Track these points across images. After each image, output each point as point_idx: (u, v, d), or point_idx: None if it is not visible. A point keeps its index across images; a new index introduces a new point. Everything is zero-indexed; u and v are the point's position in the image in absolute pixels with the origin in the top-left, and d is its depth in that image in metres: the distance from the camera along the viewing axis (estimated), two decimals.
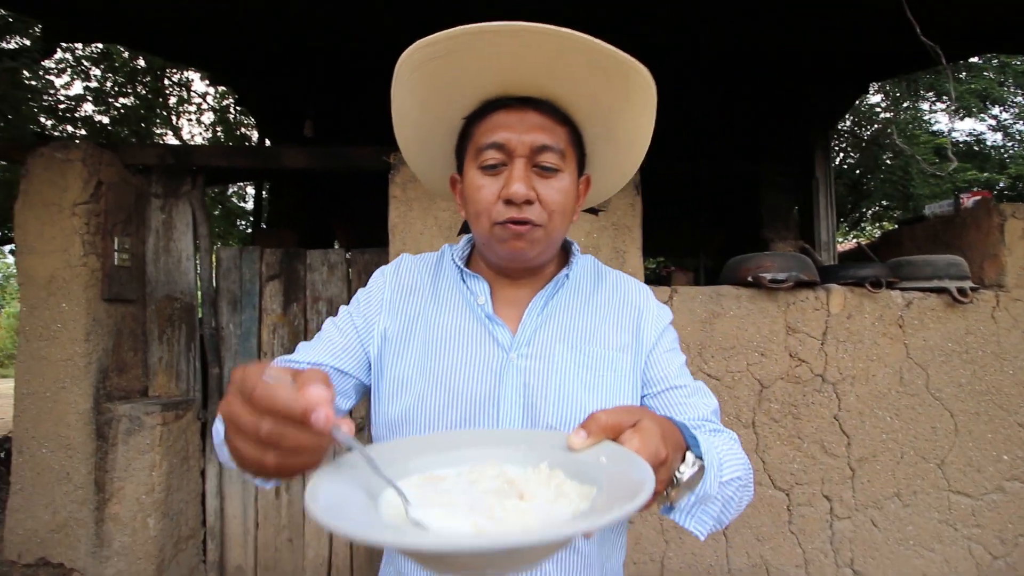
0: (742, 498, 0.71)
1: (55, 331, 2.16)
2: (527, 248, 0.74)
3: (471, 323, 0.79)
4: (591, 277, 0.86)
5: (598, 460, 0.50)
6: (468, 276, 0.82)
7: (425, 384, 0.76)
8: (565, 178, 0.74)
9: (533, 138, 0.72)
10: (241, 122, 8.15)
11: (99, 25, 2.58)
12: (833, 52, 2.89)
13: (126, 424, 2.16)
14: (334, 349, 0.80)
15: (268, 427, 0.43)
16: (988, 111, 8.14)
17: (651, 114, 0.76)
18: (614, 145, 0.81)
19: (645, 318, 0.82)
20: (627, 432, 0.53)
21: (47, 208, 2.17)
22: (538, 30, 0.65)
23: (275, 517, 2.46)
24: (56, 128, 5.56)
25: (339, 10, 2.50)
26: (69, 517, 2.15)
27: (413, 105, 0.77)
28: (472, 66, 0.70)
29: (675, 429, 0.59)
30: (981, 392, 2.10)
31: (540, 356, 0.77)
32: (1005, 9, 2.43)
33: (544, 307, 0.80)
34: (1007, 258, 2.14)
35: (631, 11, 2.38)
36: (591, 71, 0.69)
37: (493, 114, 0.74)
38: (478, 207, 0.74)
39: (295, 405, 0.42)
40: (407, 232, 2.17)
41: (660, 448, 0.52)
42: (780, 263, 2.04)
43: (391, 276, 0.86)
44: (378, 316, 0.82)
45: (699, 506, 0.65)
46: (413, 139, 0.83)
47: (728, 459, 0.68)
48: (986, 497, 2.09)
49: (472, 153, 0.75)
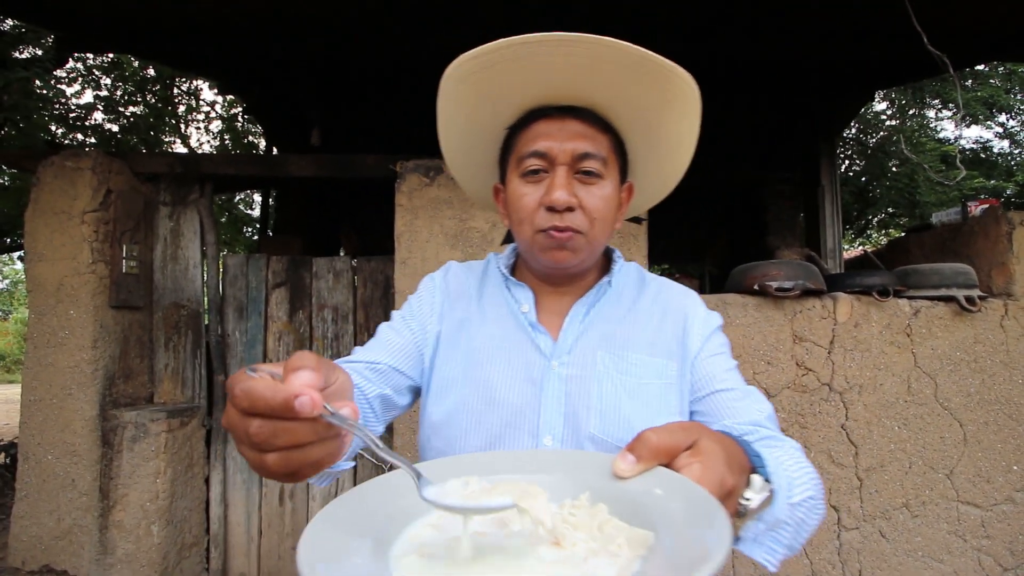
0: (815, 519, 0.63)
1: (62, 338, 2.18)
2: (569, 257, 0.74)
3: (514, 330, 0.80)
4: (634, 284, 0.85)
5: (652, 492, 0.42)
6: (513, 284, 0.83)
7: (468, 389, 0.77)
8: (607, 185, 0.74)
9: (575, 146, 0.72)
10: (249, 130, 8.22)
11: (110, 35, 2.62)
12: (838, 60, 2.90)
13: (131, 431, 2.17)
14: (391, 349, 0.81)
15: (256, 427, 0.39)
16: (995, 118, 8.11)
17: (694, 119, 0.74)
18: (656, 152, 0.80)
19: (692, 324, 0.80)
20: (683, 456, 0.46)
21: (57, 216, 2.19)
22: (581, 39, 0.66)
23: (278, 525, 2.45)
24: (67, 136, 5.63)
25: (347, 20, 2.53)
26: (73, 524, 2.15)
27: (458, 116, 0.78)
28: (516, 76, 0.71)
29: (738, 448, 0.52)
30: (990, 401, 2.07)
31: (581, 364, 0.76)
32: (1012, 17, 2.43)
33: (586, 315, 0.80)
34: (1015, 266, 2.12)
35: (639, 21, 2.39)
36: (632, 77, 0.69)
37: (535, 123, 0.75)
38: (520, 215, 0.75)
39: (276, 397, 0.38)
40: (413, 240, 2.18)
41: (726, 475, 0.45)
42: (786, 271, 2.03)
43: (440, 282, 0.88)
44: (431, 319, 0.84)
45: (768, 533, 0.57)
46: (457, 149, 0.84)
47: (798, 476, 0.61)
48: (996, 508, 2.06)
49: (514, 162, 0.76)
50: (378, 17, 2.49)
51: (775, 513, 0.55)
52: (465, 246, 2.17)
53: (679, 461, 0.45)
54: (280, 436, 0.39)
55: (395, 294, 2.18)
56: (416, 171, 2.21)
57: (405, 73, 3.42)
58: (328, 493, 2.46)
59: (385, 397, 0.79)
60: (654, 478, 0.44)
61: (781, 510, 0.55)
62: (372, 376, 0.78)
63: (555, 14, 2.35)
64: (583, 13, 2.28)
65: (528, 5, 2.31)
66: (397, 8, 2.41)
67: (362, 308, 2.46)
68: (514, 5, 2.35)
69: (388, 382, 0.79)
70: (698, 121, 0.75)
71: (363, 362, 0.79)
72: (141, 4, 2.34)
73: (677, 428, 0.48)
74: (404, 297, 2.17)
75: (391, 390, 0.79)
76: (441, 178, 2.21)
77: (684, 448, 0.46)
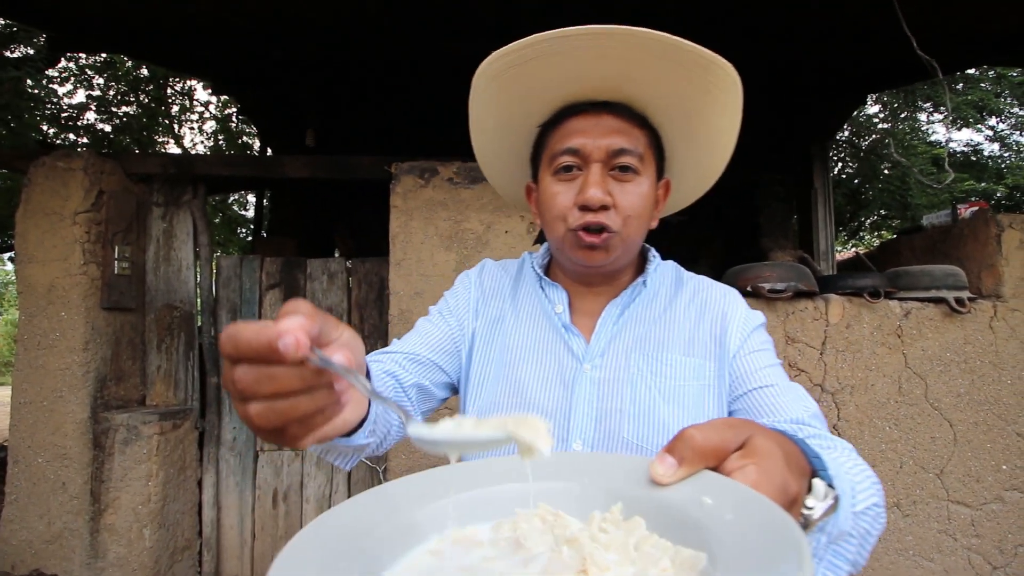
0: (878, 530, 0.55)
1: (53, 340, 2.16)
2: (603, 256, 0.72)
3: (547, 331, 0.79)
4: (671, 283, 0.82)
5: (699, 502, 0.35)
6: (547, 284, 0.82)
7: (499, 389, 0.77)
8: (643, 182, 0.72)
9: (609, 142, 0.70)
10: (243, 130, 8.19)
11: (103, 35, 2.61)
12: (831, 64, 2.92)
13: (123, 433, 2.15)
14: (429, 342, 0.81)
15: (240, 372, 0.36)
16: (985, 122, 8.20)
17: (735, 113, 0.71)
18: (695, 146, 0.77)
19: (731, 322, 0.76)
20: (734, 457, 0.39)
21: (48, 217, 2.17)
22: (616, 31, 0.64)
23: (272, 528, 2.44)
24: (58, 136, 5.59)
25: (342, 21, 2.53)
26: (64, 528, 2.13)
27: (490, 115, 0.77)
28: (549, 72, 0.69)
29: (796, 448, 0.45)
30: (980, 402, 2.09)
31: (614, 367, 0.74)
32: (1001, 22, 2.46)
33: (620, 316, 0.78)
34: (1004, 268, 2.15)
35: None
36: (670, 68, 0.67)
37: (568, 120, 0.73)
38: (553, 213, 0.73)
39: (259, 338, 0.35)
40: (408, 242, 2.18)
41: (788, 480, 0.38)
42: (779, 273, 2.05)
43: (476, 278, 0.87)
44: (467, 316, 0.83)
45: (831, 547, 0.50)
46: (489, 149, 0.83)
47: (860, 481, 0.54)
48: (985, 507, 2.08)
49: (547, 160, 0.75)
50: (373, 19, 2.49)
51: (839, 524, 0.47)
52: (460, 247, 2.18)
53: (729, 464, 0.39)
54: (263, 383, 0.36)
55: (390, 295, 2.18)
56: (411, 173, 2.21)
57: (400, 75, 3.42)
58: (322, 497, 2.45)
59: (422, 387, 0.77)
60: (700, 484, 0.36)
61: (845, 520, 0.48)
62: (409, 366, 0.77)
63: (550, 15, 2.35)
64: (576, 13, 2.28)
65: (523, 7, 2.31)
66: (392, 10, 2.41)
67: (357, 310, 2.46)
68: (509, 8, 2.35)
69: (425, 374, 0.78)
70: (739, 115, 0.71)
71: (401, 352, 0.78)
72: (136, 5, 2.33)
73: (724, 425, 0.41)
74: (399, 298, 2.16)
75: (428, 382, 0.78)
76: (436, 180, 2.21)
77: (734, 448, 0.40)
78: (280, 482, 2.44)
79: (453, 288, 0.88)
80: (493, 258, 0.92)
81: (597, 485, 0.40)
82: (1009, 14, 2.38)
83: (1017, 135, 8.74)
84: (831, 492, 0.45)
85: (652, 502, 0.37)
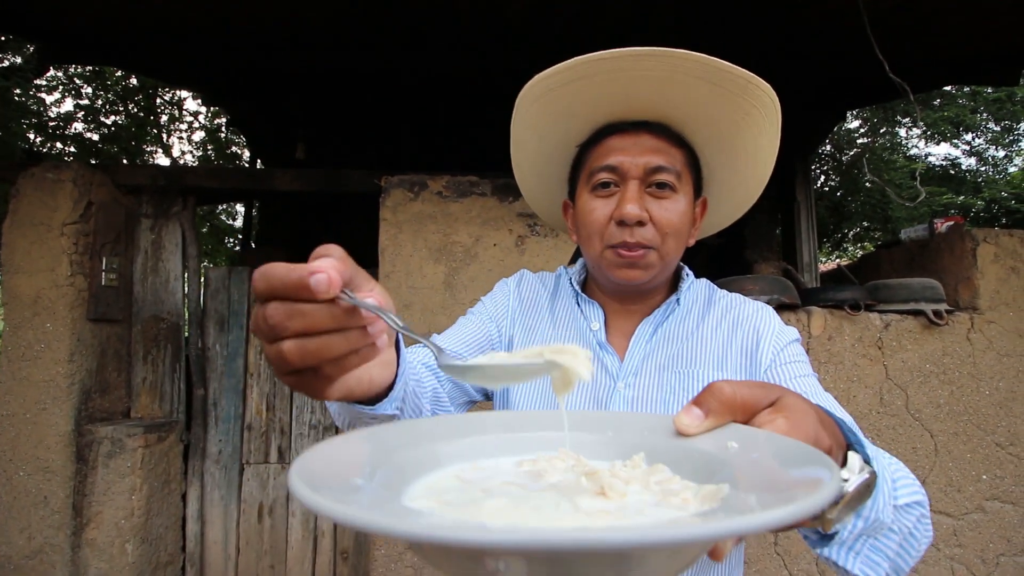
0: (922, 537, 0.52)
1: (38, 351, 2.14)
2: (640, 275, 0.73)
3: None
4: (703, 301, 0.83)
5: (725, 446, 0.34)
6: (584, 301, 0.83)
7: (531, 404, 0.77)
8: (680, 199, 0.73)
9: (647, 159, 0.71)
10: (232, 140, 8.18)
11: (94, 47, 2.61)
12: (811, 82, 3.00)
13: (107, 446, 2.13)
14: (467, 340, 0.81)
15: (271, 308, 0.36)
16: (961, 137, 8.43)
17: (774, 134, 0.72)
18: (732, 167, 0.78)
19: (763, 337, 0.76)
20: (764, 413, 0.38)
21: (36, 228, 2.16)
22: (655, 53, 0.65)
23: (257, 543, 2.41)
24: (45, 145, 5.55)
25: (333, 35, 2.56)
26: (45, 543, 2.09)
27: (531, 135, 0.78)
28: (589, 92, 0.70)
29: (830, 419, 0.43)
30: (959, 412, 2.14)
31: (647, 385, 0.75)
32: (967, 46, 2.56)
33: (653, 334, 0.79)
34: (980, 281, 2.21)
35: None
36: (708, 89, 0.68)
37: (607, 139, 0.74)
38: (590, 229, 0.74)
39: (291, 275, 0.35)
40: (397, 254, 2.19)
41: (821, 433, 0.37)
42: (762, 286, 2.09)
43: (514, 288, 0.88)
44: (504, 321, 0.85)
45: (868, 540, 0.48)
46: (529, 169, 0.85)
47: (901, 477, 0.52)
48: (967, 517, 2.12)
49: (585, 177, 0.76)
50: (363, 33, 2.53)
51: (877, 512, 0.46)
52: (448, 260, 2.19)
53: (759, 418, 0.37)
54: (295, 318, 0.36)
55: None
56: (401, 186, 2.23)
57: (391, 88, 3.45)
58: (308, 510, 2.43)
59: (457, 382, 0.76)
60: (728, 433, 0.35)
61: (884, 511, 0.46)
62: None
63: (539, 26, 2.40)
64: (566, 18, 2.32)
65: (511, 20, 2.36)
66: (382, 25, 2.45)
67: None
68: (497, 20, 2.40)
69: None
70: (778, 136, 0.72)
71: (438, 345, 0.79)
72: (126, 17, 2.35)
73: (756, 384, 0.39)
74: None
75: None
76: (425, 193, 2.23)
77: (765, 405, 0.38)
78: (266, 496, 2.42)
79: (491, 293, 0.89)
80: (481, 271, 0.94)
81: (621, 437, 0.39)
82: (975, 38, 2.48)
83: (993, 149, 8.99)
84: (867, 468, 0.43)
85: (676, 451, 0.36)
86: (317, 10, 2.31)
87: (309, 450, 0.31)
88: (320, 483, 0.27)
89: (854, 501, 0.42)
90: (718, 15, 2.33)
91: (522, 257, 2.18)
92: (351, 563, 2.42)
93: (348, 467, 0.31)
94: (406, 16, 2.36)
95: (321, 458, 0.30)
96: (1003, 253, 2.22)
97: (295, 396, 2.46)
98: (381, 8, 2.29)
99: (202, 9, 2.28)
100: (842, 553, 0.48)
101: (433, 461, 0.37)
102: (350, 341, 0.38)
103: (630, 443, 0.38)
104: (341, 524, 0.24)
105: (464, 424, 0.41)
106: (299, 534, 2.42)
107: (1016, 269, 2.22)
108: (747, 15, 2.32)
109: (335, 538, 2.43)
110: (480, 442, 0.40)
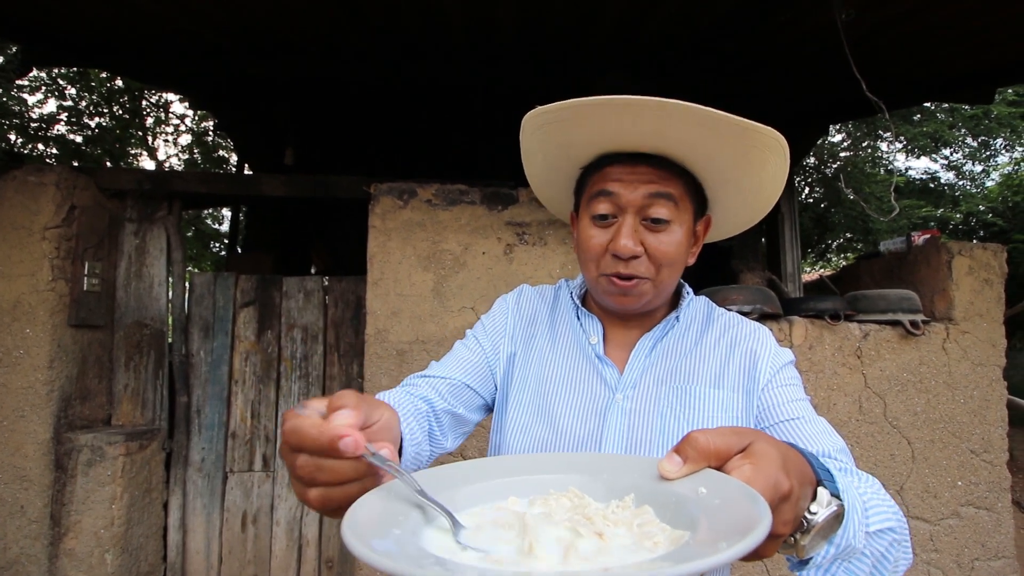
0: (898, 558, 0.57)
1: (17, 357, 2.10)
2: (633, 302, 0.76)
3: (581, 361, 0.81)
4: (702, 319, 0.85)
5: (696, 491, 0.41)
6: (583, 314, 0.85)
7: (532, 416, 0.79)
8: (676, 231, 0.74)
9: (644, 191, 0.72)
10: (219, 144, 8.11)
11: (79, 49, 2.59)
12: (793, 98, 3.08)
13: (87, 455, 2.09)
14: (464, 365, 0.83)
15: (302, 461, 0.42)
16: (940, 152, 8.65)
17: (779, 165, 0.71)
18: (737, 193, 0.79)
19: (760, 356, 0.78)
20: (735, 458, 0.43)
21: (16, 231, 2.13)
22: (648, 104, 0.65)
23: (240, 552, 2.38)
24: (26, 147, 5.46)
25: (322, 41, 2.57)
26: (21, 553, 2.05)
27: (537, 157, 0.81)
28: (587, 130, 0.72)
29: (800, 458, 0.48)
30: (935, 420, 2.19)
31: (645, 398, 0.77)
32: (941, 65, 2.65)
33: (652, 349, 0.81)
34: (955, 293, 2.27)
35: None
36: (704, 135, 0.69)
37: (607, 167, 0.75)
38: (587, 255, 0.76)
39: (322, 436, 0.41)
40: (385, 261, 2.20)
41: (780, 478, 0.41)
42: (746, 296, 2.13)
43: (513, 304, 0.90)
44: (503, 340, 0.86)
45: (841, 563, 0.53)
46: (539, 181, 0.88)
47: (875, 504, 0.56)
48: (943, 522, 2.16)
49: (585, 200, 0.78)
50: (352, 40, 2.54)
51: (848, 538, 0.50)
52: (437, 268, 2.20)
53: (730, 464, 0.43)
54: (324, 472, 0.42)
55: (366, 315, 2.19)
56: (390, 193, 2.24)
57: (380, 95, 3.47)
58: (293, 519, 2.40)
59: (455, 414, 0.80)
60: (700, 479, 0.42)
61: (856, 536, 0.51)
62: (444, 391, 0.80)
63: (528, 39, 2.43)
64: (554, 31, 2.35)
65: (500, 29, 2.39)
66: (374, 35, 2.47)
67: (332, 328, 2.45)
68: (484, 31, 2.43)
69: (459, 398, 0.81)
70: (785, 168, 0.72)
71: (437, 377, 0.81)
72: (112, 20, 2.33)
73: (729, 431, 0.45)
74: (376, 318, 2.17)
75: (463, 408, 0.81)
76: (415, 201, 2.24)
77: (736, 451, 0.44)
78: (250, 504, 2.39)
79: (490, 312, 0.91)
80: (469, 279, 0.96)
81: (613, 479, 0.47)
82: (949, 58, 2.57)
83: (971, 164, 9.24)
84: (835, 501, 0.49)
85: (659, 493, 0.43)
86: (309, 20, 2.32)
87: (367, 496, 0.41)
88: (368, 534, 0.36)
89: (824, 531, 0.48)
90: (703, 34, 2.38)
91: (511, 265, 2.20)
92: (336, 572, 2.39)
93: (390, 515, 0.40)
94: (397, 27, 2.38)
95: (369, 503, 0.40)
96: (977, 265, 2.28)
97: (280, 404, 2.44)
98: (372, 19, 2.31)
99: (191, 15, 2.27)
100: (818, 575, 0.54)
101: (463, 500, 0.46)
102: (365, 485, 0.44)
103: (623, 485, 0.46)
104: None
105: (479, 469, 0.50)
106: (283, 543, 2.39)
107: (989, 281, 2.28)
108: (730, 35, 2.38)
109: (320, 547, 2.41)
110: (496, 485, 0.48)
